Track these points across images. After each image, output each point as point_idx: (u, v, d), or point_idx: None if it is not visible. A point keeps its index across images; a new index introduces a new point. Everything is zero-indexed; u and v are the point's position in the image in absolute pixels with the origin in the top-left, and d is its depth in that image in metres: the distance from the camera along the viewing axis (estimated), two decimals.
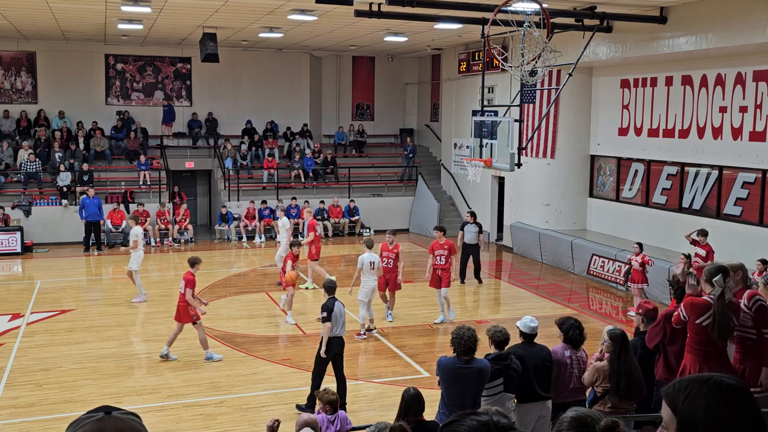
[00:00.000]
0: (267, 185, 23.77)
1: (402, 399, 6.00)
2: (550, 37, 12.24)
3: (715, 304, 5.99)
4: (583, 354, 7.10)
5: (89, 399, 9.67)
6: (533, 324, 7.18)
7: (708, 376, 2.00)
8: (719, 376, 1.99)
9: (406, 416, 5.90)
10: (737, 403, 1.93)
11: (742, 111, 14.62)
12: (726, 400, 1.93)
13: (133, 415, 1.98)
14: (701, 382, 1.98)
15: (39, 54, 23.60)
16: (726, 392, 1.94)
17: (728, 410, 1.91)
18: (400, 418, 5.95)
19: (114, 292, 16.03)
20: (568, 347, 7.00)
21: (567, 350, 6.98)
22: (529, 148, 18.22)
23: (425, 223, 23.64)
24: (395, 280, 13.34)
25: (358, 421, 7.82)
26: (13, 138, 22.87)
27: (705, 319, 6.06)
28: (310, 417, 6.38)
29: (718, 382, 1.97)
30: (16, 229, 19.95)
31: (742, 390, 1.97)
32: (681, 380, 2.02)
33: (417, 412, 5.91)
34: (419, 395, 5.97)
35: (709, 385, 1.96)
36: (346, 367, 11.34)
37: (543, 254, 19.24)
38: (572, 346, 7.01)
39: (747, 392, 1.98)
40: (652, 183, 17.25)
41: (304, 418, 6.36)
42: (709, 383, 1.97)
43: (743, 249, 14.08)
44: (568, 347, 7.00)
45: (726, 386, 1.95)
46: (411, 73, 27.93)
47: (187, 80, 25.25)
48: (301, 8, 15.67)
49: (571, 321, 7.10)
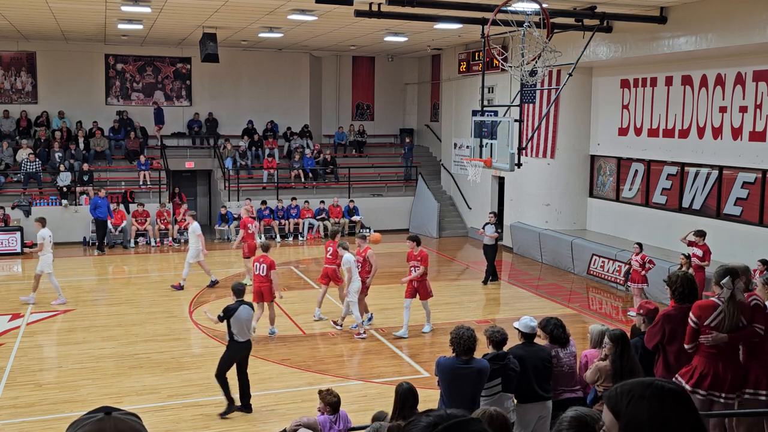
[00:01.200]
0: (267, 185, 23.77)
1: (396, 394, 6.05)
2: (550, 37, 12.24)
3: (726, 306, 6.01)
4: (572, 348, 7.18)
5: (89, 399, 9.67)
6: (533, 323, 7.18)
7: (650, 380, 2.05)
8: (661, 381, 2.04)
9: (402, 410, 5.93)
10: (679, 408, 1.97)
11: (742, 111, 14.62)
12: (668, 404, 1.97)
13: (133, 416, 1.98)
14: (644, 386, 2.01)
15: (39, 54, 23.60)
16: (668, 396, 1.98)
17: (671, 414, 1.95)
18: (397, 413, 5.98)
19: (114, 292, 16.04)
20: (554, 347, 7.06)
21: (554, 350, 7.05)
22: (529, 148, 18.22)
23: (425, 223, 23.65)
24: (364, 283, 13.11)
25: (358, 421, 7.82)
26: (13, 138, 22.88)
27: (713, 320, 6.07)
28: (309, 418, 6.38)
29: (659, 386, 2.01)
30: (16, 229, 19.96)
31: (684, 395, 2.01)
32: (623, 384, 2.05)
33: (413, 406, 5.96)
34: (413, 389, 6.05)
35: (652, 389, 2.00)
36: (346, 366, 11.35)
37: (543, 254, 19.24)
38: (558, 344, 7.06)
39: (688, 397, 2.03)
40: (652, 183, 17.25)
41: (303, 421, 6.36)
42: (652, 387, 2.00)
43: (743, 249, 14.09)
44: (554, 347, 7.06)
45: (668, 390, 1.99)
46: (411, 73, 27.93)
47: (187, 80, 25.26)
48: (301, 8, 15.67)
49: (553, 321, 7.18)
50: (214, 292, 15.91)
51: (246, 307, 9.37)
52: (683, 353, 6.37)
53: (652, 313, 7.21)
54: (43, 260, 14.41)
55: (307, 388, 10.07)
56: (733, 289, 5.99)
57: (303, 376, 10.79)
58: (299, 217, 22.77)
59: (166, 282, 16.92)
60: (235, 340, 9.28)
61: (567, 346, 7.15)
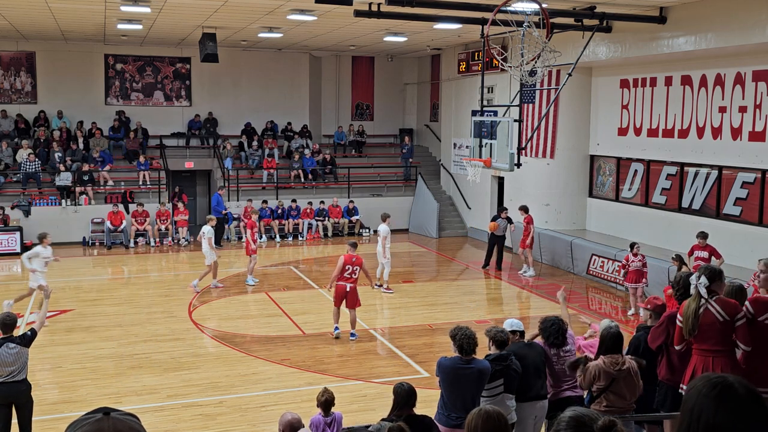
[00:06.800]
0: (267, 185, 23.77)
1: (396, 393, 6.03)
2: (549, 37, 12.24)
3: (688, 305, 6.06)
4: (571, 346, 7.19)
5: (88, 399, 9.68)
6: (519, 322, 7.51)
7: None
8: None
9: (401, 410, 5.93)
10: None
11: (742, 111, 14.62)
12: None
13: (132, 416, 1.99)
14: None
15: (38, 54, 23.59)
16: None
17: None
18: (394, 412, 5.98)
19: (114, 292, 16.03)
20: (549, 347, 7.12)
21: (551, 348, 7.10)
22: (529, 148, 18.23)
23: (425, 223, 23.65)
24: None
25: (358, 422, 7.82)
26: (12, 138, 22.88)
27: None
28: (294, 417, 6.32)
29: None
30: (16, 229, 19.96)
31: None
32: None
33: (411, 406, 5.97)
34: (413, 390, 6.04)
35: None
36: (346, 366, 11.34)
37: (542, 254, 19.24)
38: (554, 347, 7.11)
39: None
40: (652, 183, 17.25)
41: (288, 418, 6.29)
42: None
43: (743, 249, 14.10)
44: (549, 347, 7.12)
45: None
46: (410, 73, 27.93)
47: (187, 80, 25.25)
48: (301, 8, 15.67)
49: (554, 327, 7.07)
50: (214, 292, 15.92)
51: (13, 347, 7.72)
52: (687, 354, 6.37)
53: (660, 308, 7.22)
54: (39, 276, 14.09)
55: (307, 388, 10.07)
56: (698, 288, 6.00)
57: (303, 376, 10.79)
58: (299, 218, 22.77)
59: (165, 282, 16.93)
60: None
61: (565, 344, 7.15)
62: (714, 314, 5.97)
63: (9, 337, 7.82)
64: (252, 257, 16.59)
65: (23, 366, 7.82)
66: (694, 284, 6.01)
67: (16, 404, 7.81)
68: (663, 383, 6.74)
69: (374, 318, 14.25)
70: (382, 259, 15.91)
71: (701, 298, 6.00)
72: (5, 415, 7.71)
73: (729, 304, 6.01)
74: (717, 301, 6.00)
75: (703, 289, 5.96)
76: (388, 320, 14.35)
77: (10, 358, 7.68)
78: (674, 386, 6.56)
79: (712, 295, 6.00)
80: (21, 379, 7.80)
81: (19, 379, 7.77)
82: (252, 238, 16.51)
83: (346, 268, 12.33)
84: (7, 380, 7.67)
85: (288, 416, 6.32)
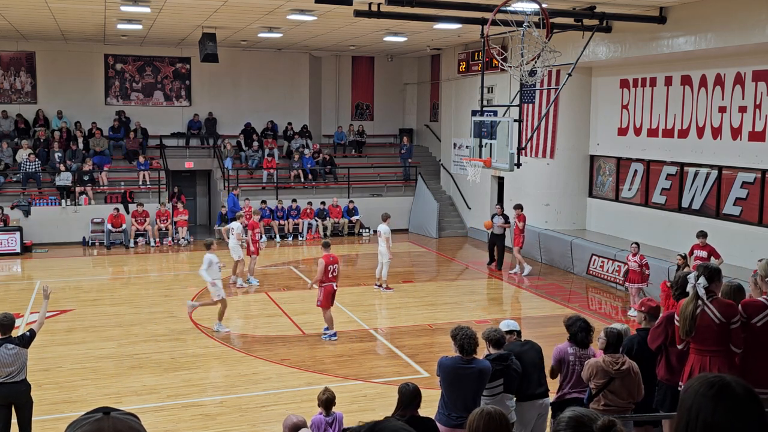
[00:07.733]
0: (266, 185, 23.77)
1: (401, 393, 5.97)
2: (549, 37, 12.24)
3: (686, 306, 6.06)
4: (591, 353, 7.07)
5: (88, 399, 9.68)
6: (515, 322, 7.54)
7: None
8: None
9: (405, 410, 5.91)
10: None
11: (742, 111, 14.62)
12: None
13: (132, 416, 1.99)
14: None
15: (38, 54, 23.59)
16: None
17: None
18: (398, 412, 5.96)
19: (113, 292, 16.03)
20: (572, 345, 6.99)
21: (571, 347, 6.96)
22: (529, 148, 18.23)
23: (425, 223, 23.65)
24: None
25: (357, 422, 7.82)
26: (12, 138, 22.87)
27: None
28: (299, 419, 6.32)
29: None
30: (16, 229, 19.95)
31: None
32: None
33: (416, 407, 5.94)
34: (418, 390, 5.99)
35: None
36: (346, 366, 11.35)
37: (542, 254, 19.24)
38: (578, 346, 7.00)
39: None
40: (652, 183, 17.26)
41: (293, 421, 6.29)
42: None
43: (743, 249, 14.10)
44: (572, 345, 6.99)
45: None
46: (410, 73, 27.93)
47: (187, 80, 25.25)
48: (301, 8, 15.67)
49: (579, 324, 6.99)
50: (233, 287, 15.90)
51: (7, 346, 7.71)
52: (685, 354, 6.37)
53: (654, 310, 7.21)
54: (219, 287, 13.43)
55: (307, 388, 10.07)
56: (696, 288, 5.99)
57: (302, 376, 10.80)
58: (299, 218, 22.77)
59: (165, 282, 16.93)
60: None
61: (587, 349, 7.03)
62: (710, 317, 5.96)
63: (8, 338, 7.80)
64: (252, 257, 16.64)
65: (22, 367, 7.82)
66: (693, 284, 5.99)
67: (15, 405, 7.80)
68: (662, 383, 6.74)
69: (374, 318, 14.26)
70: (383, 259, 15.93)
71: (698, 299, 5.99)
72: (5, 415, 7.71)
73: (725, 306, 5.99)
74: (714, 302, 5.98)
75: (701, 290, 5.95)
76: (388, 320, 14.35)
77: (9, 359, 7.67)
78: (673, 386, 6.57)
79: (710, 296, 5.98)
80: (20, 380, 7.80)
81: (18, 379, 7.77)
82: (253, 239, 16.58)
83: (329, 269, 12.41)
84: (6, 381, 7.67)
85: (293, 419, 6.33)
